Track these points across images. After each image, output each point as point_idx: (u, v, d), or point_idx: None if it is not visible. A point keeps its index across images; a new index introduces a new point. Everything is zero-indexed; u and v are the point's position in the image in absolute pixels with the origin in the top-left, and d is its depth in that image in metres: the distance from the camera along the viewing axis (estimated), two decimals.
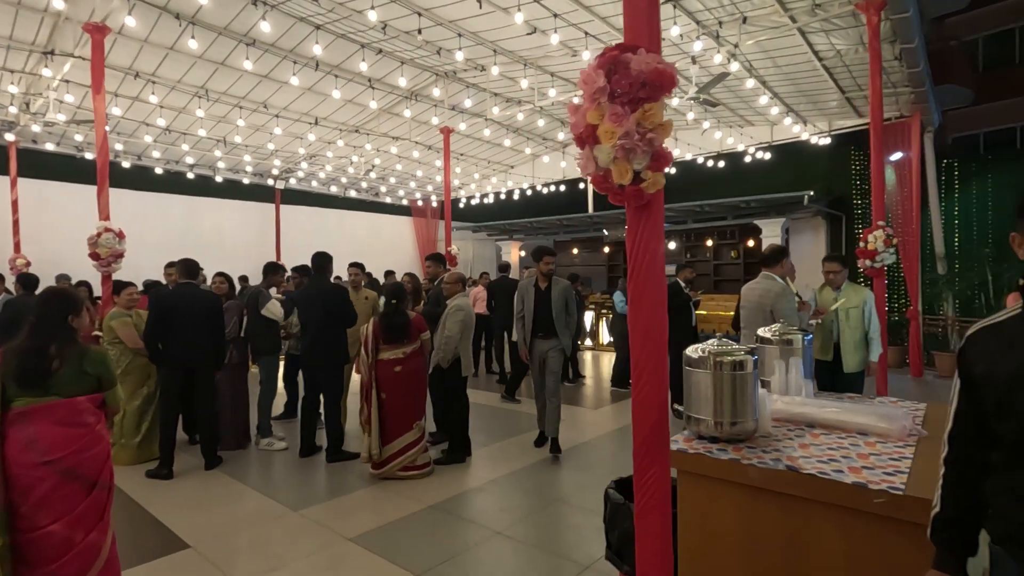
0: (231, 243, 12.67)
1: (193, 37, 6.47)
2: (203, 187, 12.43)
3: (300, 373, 5.51)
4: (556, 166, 13.82)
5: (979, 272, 8.87)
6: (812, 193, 9.89)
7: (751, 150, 10.80)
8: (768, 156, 10.91)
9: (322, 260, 5.01)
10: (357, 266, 5.68)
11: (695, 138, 11.75)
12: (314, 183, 14.15)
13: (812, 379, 3.06)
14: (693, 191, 12.07)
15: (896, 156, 9.18)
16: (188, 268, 4.76)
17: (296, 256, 12.82)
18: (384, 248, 15.49)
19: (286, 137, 10.80)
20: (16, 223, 9.75)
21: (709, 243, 13.09)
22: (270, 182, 13.58)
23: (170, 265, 5.75)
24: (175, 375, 4.54)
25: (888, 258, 5.28)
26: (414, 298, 5.61)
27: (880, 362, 4.44)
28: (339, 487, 4.25)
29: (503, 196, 15.57)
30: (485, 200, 15.90)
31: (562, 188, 14.36)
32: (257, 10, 6.65)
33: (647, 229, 1.65)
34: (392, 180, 14.44)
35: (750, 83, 7.42)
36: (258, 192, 13.47)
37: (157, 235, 11.17)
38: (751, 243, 12.15)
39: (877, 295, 4.69)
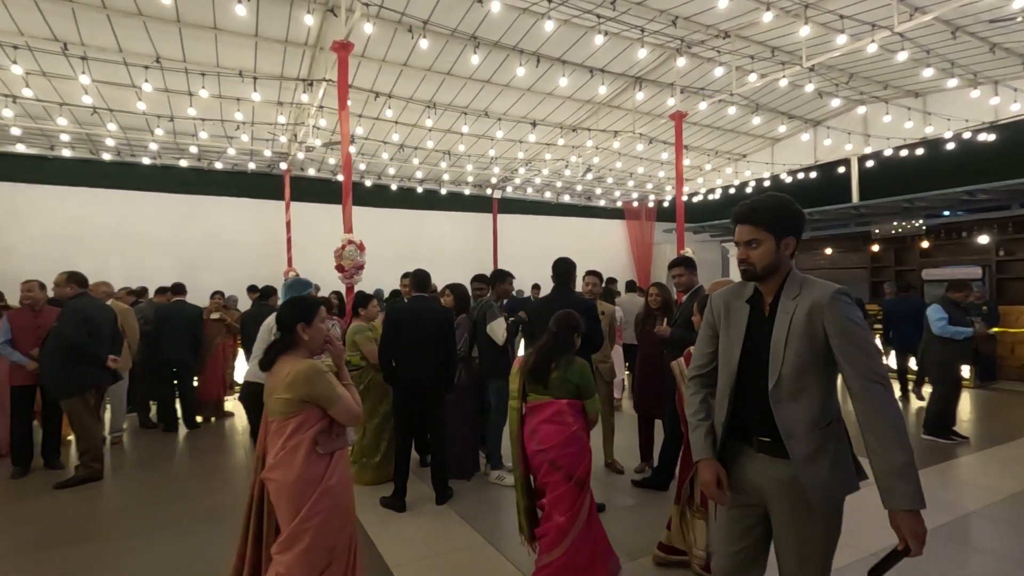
0: (451, 254, 13.05)
1: (424, 36, 6.37)
2: (430, 201, 13.05)
3: None
4: (807, 148, 11.44)
5: None
6: None
7: None
8: None
9: (565, 268, 4.04)
10: (595, 275, 4.72)
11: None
12: (529, 190, 13.98)
13: None
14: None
15: None
16: (419, 280, 4.36)
17: (511, 265, 12.73)
18: (596, 253, 14.63)
19: (506, 143, 10.66)
20: (289, 241, 11.26)
21: None
22: (488, 192, 13.77)
23: (405, 276, 5.57)
24: (404, 396, 4.16)
25: None
26: (662, 315, 4.48)
27: None
28: None
29: (732, 191, 13.56)
30: (710, 196, 14.05)
31: (812, 175, 11.86)
32: (483, 7, 6.36)
33: None
34: (609, 180, 13.54)
35: None
36: (476, 203, 13.75)
37: (389, 248, 11.89)
38: None
39: None
